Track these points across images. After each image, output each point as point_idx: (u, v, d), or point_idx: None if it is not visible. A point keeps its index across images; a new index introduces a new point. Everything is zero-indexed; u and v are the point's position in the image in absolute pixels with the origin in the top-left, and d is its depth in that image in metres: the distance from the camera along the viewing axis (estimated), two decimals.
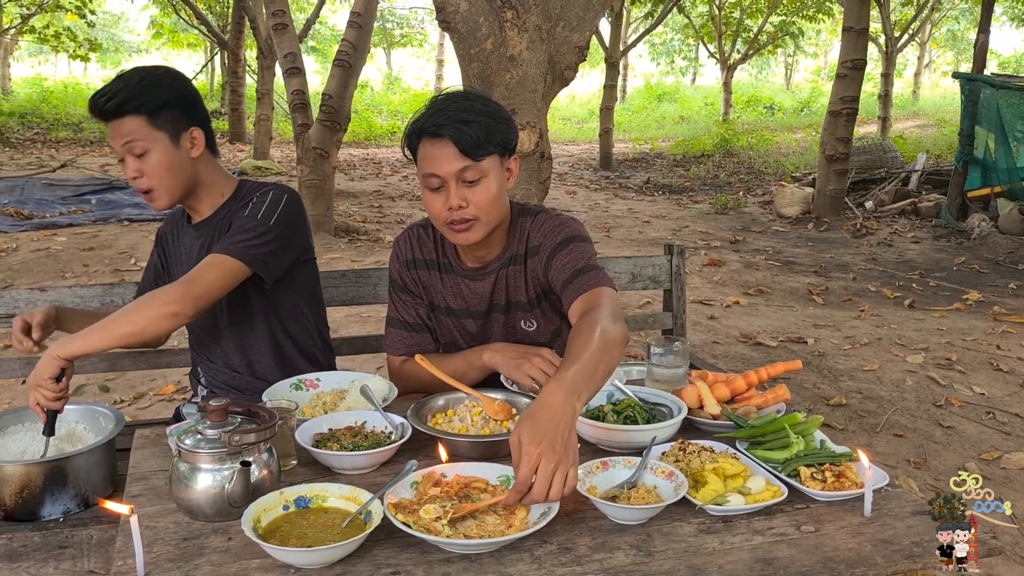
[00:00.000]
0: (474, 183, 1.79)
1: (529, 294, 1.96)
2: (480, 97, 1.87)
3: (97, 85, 19.59)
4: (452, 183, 1.78)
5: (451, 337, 2.08)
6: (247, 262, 1.94)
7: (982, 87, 8.79)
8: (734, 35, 19.76)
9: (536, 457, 1.31)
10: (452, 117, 1.76)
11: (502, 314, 2.00)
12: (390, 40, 32.07)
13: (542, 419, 1.35)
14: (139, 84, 1.95)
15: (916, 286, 6.63)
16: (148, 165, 1.97)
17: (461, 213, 1.79)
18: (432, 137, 1.79)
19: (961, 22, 29.78)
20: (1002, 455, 3.52)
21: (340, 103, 7.19)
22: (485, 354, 1.91)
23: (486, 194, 1.80)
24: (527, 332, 2.00)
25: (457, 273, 2.00)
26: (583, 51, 3.05)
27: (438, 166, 1.78)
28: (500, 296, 1.98)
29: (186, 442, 1.41)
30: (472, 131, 1.75)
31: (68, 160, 12.74)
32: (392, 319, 2.08)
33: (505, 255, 1.96)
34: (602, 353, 1.51)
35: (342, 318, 5.14)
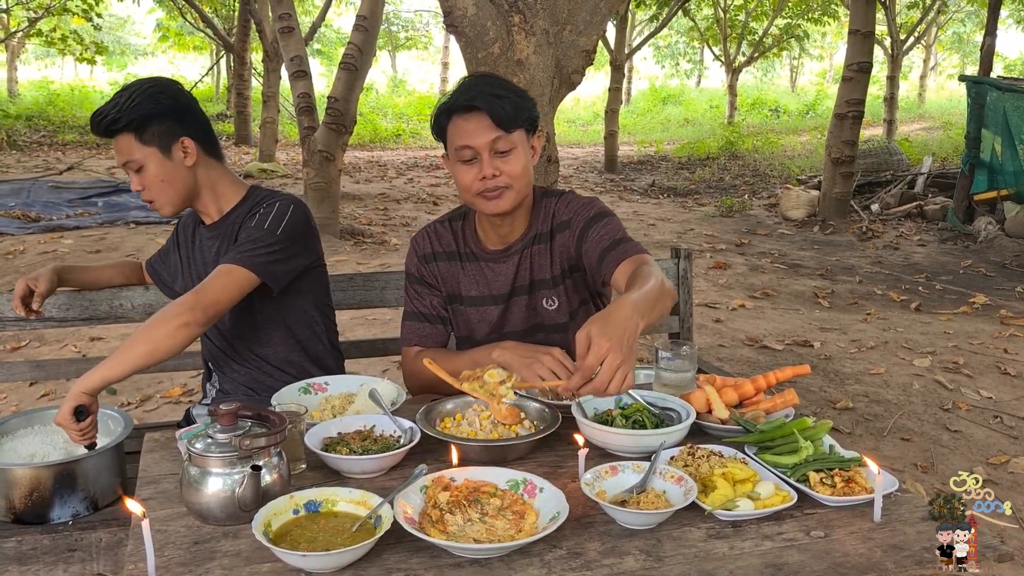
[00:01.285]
0: (506, 153, 1.89)
1: (554, 271, 2.04)
2: (505, 79, 2.01)
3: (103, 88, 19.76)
4: (485, 153, 1.89)
5: (468, 330, 2.12)
6: (255, 271, 1.97)
7: (988, 90, 8.76)
8: (739, 38, 19.73)
9: (605, 350, 1.42)
10: (484, 91, 1.88)
11: (525, 295, 2.06)
12: (395, 43, 32.12)
13: (613, 321, 1.46)
14: (128, 102, 2.01)
15: (922, 289, 6.62)
16: (146, 179, 2.04)
17: (494, 181, 1.89)
18: (465, 112, 1.89)
19: (967, 25, 29.72)
20: (1010, 459, 3.51)
21: (346, 106, 7.21)
22: (495, 352, 1.91)
23: (517, 164, 1.91)
24: (548, 311, 2.06)
25: (480, 259, 2.07)
26: (590, 55, 3.05)
27: (471, 138, 1.88)
28: (524, 276, 2.05)
29: (197, 446, 1.41)
30: (504, 104, 1.86)
31: (75, 163, 12.78)
32: (408, 312, 2.14)
33: (528, 235, 2.04)
34: (659, 294, 1.65)
35: (348, 321, 5.15)
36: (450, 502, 1.40)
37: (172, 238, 2.34)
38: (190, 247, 2.24)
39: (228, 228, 2.13)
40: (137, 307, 2.42)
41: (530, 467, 1.56)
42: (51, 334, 4.99)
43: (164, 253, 2.38)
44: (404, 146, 19.06)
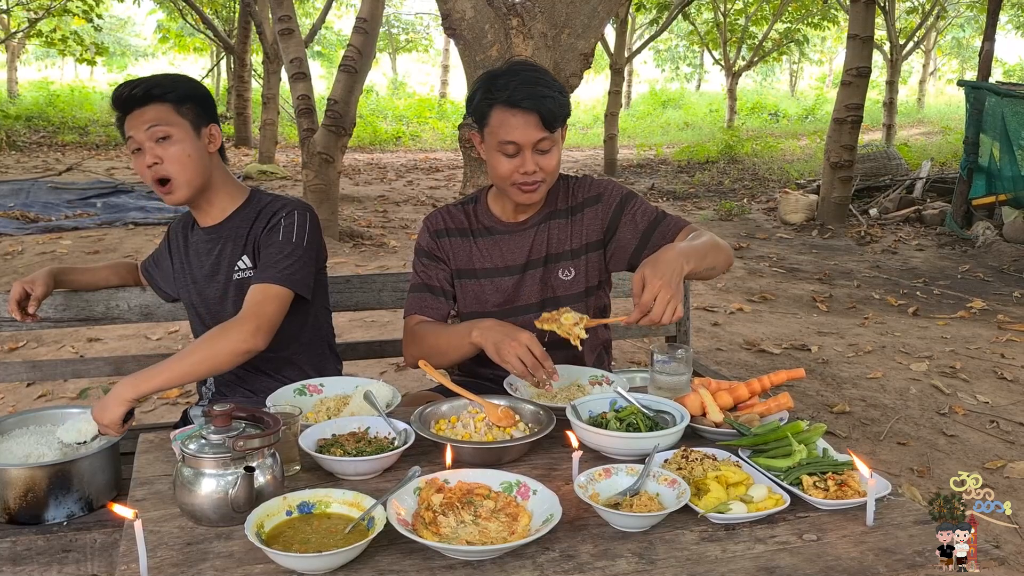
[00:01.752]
0: (547, 151, 1.97)
1: (574, 244, 2.12)
2: (546, 71, 2.04)
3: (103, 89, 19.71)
4: (528, 151, 1.95)
5: (478, 304, 2.16)
6: (293, 287, 2.02)
7: (987, 95, 8.77)
8: (739, 42, 19.76)
9: (658, 287, 1.64)
10: (534, 92, 1.92)
11: (540, 267, 2.13)
12: (395, 45, 32.13)
13: (662, 263, 1.69)
14: (164, 76, 2.04)
15: (920, 294, 6.62)
16: (169, 152, 2.00)
17: (533, 177, 1.97)
18: (512, 107, 1.93)
19: (966, 30, 29.75)
20: (1006, 464, 3.51)
21: (346, 108, 7.21)
22: (473, 331, 1.90)
23: (554, 160, 2.00)
24: (564, 281, 2.13)
25: (495, 232, 2.14)
26: (588, 58, 3.06)
27: (518, 135, 1.93)
28: (540, 249, 2.12)
29: (190, 447, 1.41)
30: (551, 106, 1.92)
31: (74, 163, 12.79)
32: (414, 285, 2.18)
33: (545, 210, 2.13)
34: (711, 247, 1.88)
35: (346, 323, 5.15)
36: (443, 504, 1.40)
37: (164, 243, 2.33)
38: (182, 251, 2.24)
39: (231, 232, 2.13)
40: (133, 308, 2.42)
41: (524, 469, 1.57)
42: (49, 335, 4.99)
43: (157, 257, 2.37)
44: (404, 148, 19.07)
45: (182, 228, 2.27)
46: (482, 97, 1.98)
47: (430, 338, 2.01)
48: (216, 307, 2.17)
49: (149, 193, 9.80)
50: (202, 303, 2.19)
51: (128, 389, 1.83)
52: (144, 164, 2.02)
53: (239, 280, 2.11)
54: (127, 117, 2.02)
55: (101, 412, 1.84)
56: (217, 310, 2.17)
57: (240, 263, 2.11)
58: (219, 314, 2.16)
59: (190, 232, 2.23)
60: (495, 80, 1.96)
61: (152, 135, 1.99)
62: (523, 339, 1.79)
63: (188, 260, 2.22)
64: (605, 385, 1.98)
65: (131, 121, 2.01)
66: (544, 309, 2.08)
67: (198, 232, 2.20)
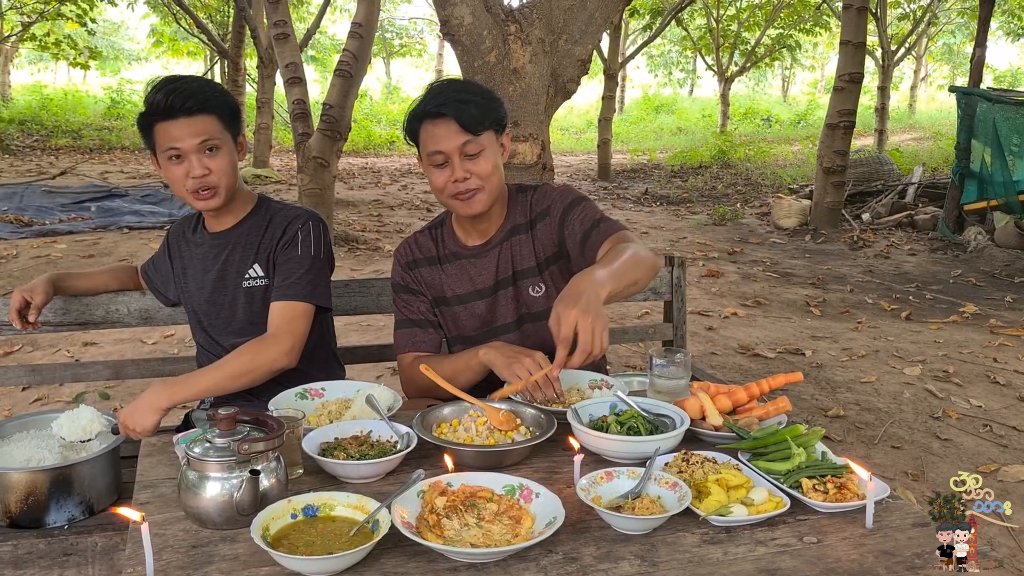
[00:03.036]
0: (475, 156, 1.96)
1: (538, 258, 2.09)
2: (472, 82, 2.07)
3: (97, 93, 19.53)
4: (455, 157, 1.95)
5: (457, 329, 2.16)
6: (317, 301, 2.07)
7: (979, 101, 8.83)
8: (732, 47, 19.83)
9: (574, 317, 1.53)
10: (451, 97, 1.94)
11: (510, 286, 2.11)
12: (389, 50, 32.16)
13: (572, 293, 1.59)
14: (208, 85, 2.04)
15: (913, 298, 6.66)
16: (218, 163, 2.03)
17: (466, 184, 1.96)
18: (434, 118, 1.96)
19: (957, 36, 29.94)
20: (999, 467, 3.54)
21: (341, 112, 7.21)
22: (481, 351, 1.95)
23: (487, 164, 1.97)
24: (535, 298, 2.11)
25: (461, 257, 2.14)
26: (585, 64, 3.08)
27: (441, 143, 1.95)
28: (506, 268, 2.11)
29: (195, 450, 1.42)
30: (471, 109, 1.93)
31: (68, 167, 12.75)
32: (399, 321, 2.18)
33: (506, 228, 2.11)
34: (631, 263, 1.77)
35: (343, 327, 5.15)
36: (447, 507, 1.41)
37: (164, 246, 2.33)
38: (184, 256, 2.24)
39: (240, 239, 2.14)
40: (133, 312, 2.42)
41: (525, 472, 1.57)
42: (44, 339, 4.98)
43: (157, 260, 2.37)
44: (398, 153, 19.07)
45: (183, 232, 2.27)
46: (410, 117, 2.01)
47: (435, 368, 1.97)
48: (223, 313, 2.17)
49: (143, 197, 9.79)
50: (204, 308, 2.19)
51: (163, 397, 1.86)
52: (183, 171, 2.01)
53: (249, 288, 2.12)
54: (168, 123, 1.99)
55: (133, 418, 1.85)
56: (224, 316, 2.17)
57: (251, 271, 2.12)
58: (224, 320, 2.16)
59: (192, 236, 2.23)
60: (420, 98, 2.00)
61: (203, 147, 2.00)
62: (537, 357, 1.81)
63: (188, 263, 2.22)
64: (605, 389, 1.99)
65: (176, 129, 1.98)
66: (521, 326, 2.13)
67: (203, 236, 2.20)
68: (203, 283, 2.18)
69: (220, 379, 1.93)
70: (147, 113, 2.01)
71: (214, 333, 2.19)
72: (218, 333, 2.19)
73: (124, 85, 22.70)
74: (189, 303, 2.25)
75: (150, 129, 2.02)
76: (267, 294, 2.11)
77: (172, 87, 1.99)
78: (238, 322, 2.15)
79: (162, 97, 1.97)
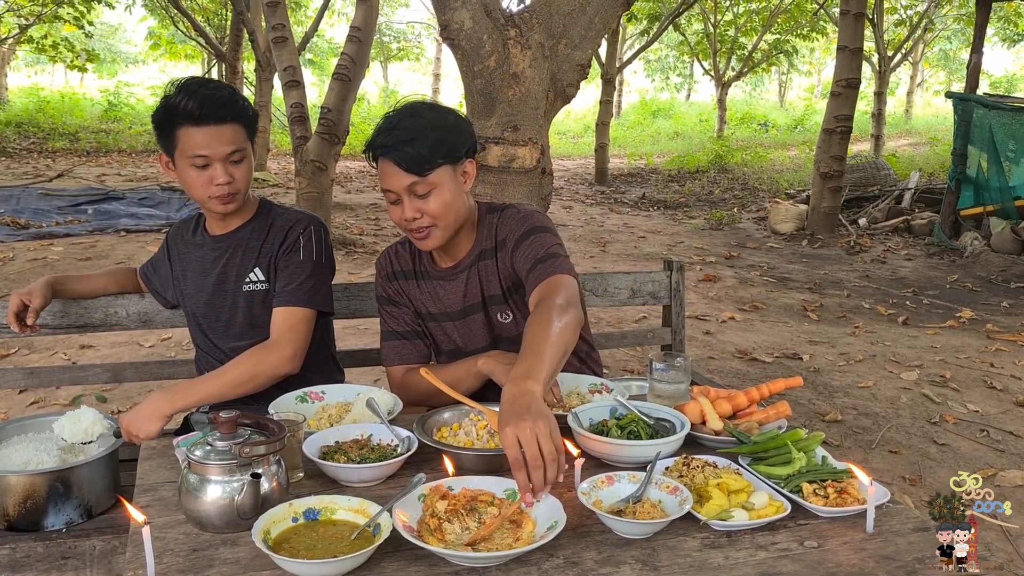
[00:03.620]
0: (425, 196, 1.88)
1: (503, 286, 2.03)
2: (429, 109, 1.94)
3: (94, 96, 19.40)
4: (405, 197, 1.89)
5: (438, 344, 2.15)
6: (319, 307, 2.09)
7: (975, 107, 8.86)
8: (729, 52, 19.87)
9: (512, 435, 1.37)
10: (397, 137, 1.85)
11: (480, 312, 2.06)
12: (387, 54, 32.16)
13: (504, 410, 1.43)
14: (238, 95, 2.04)
15: (910, 303, 6.67)
16: (240, 171, 2.03)
17: (417, 223, 1.91)
18: (382, 157, 1.89)
19: (953, 42, 30.00)
20: (997, 472, 3.54)
21: (339, 116, 7.21)
22: (480, 360, 1.95)
23: (438, 204, 1.89)
24: (504, 324, 2.06)
25: (432, 277, 2.09)
26: (585, 69, 3.08)
27: (390, 182, 1.89)
28: (474, 294, 2.04)
29: (196, 453, 1.42)
30: (415, 150, 1.84)
31: (65, 170, 12.72)
32: (385, 333, 2.16)
33: (474, 252, 2.04)
34: (555, 341, 1.59)
35: (340, 331, 5.09)
36: (448, 511, 1.41)
37: (163, 249, 2.33)
38: (184, 258, 2.24)
39: (241, 242, 2.13)
40: (132, 315, 2.42)
41: None
42: (41, 342, 4.97)
43: (155, 262, 2.37)
44: None
45: (183, 234, 2.27)
46: (368, 145, 1.93)
47: (423, 385, 1.95)
48: (222, 316, 2.16)
49: (141, 200, 9.77)
50: (203, 311, 2.19)
51: (164, 404, 1.86)
52: (207, 178, 1.99)
53: (249, 292, 2.12)
54: (197, 129, 1.95)
55: (136, 424, 1.84)
56: (224, 319, 2.16)
57: (252, 275, 2.12)
58: (223, 324, 2.16)
59: (191, 237, 2.23)
60: (378, 126, 1.93)
61: (231, 157, 1.99)
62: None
63: (190, 267, 2.21)
64: (605, 393, 1.99)
65: (205, 136, 1.96)
66: (496, 346, 2.07)
67: (204, 238, 2.19)
68: (202, 286, 2.17)
69: (222, 386, 1.94)
70: (173, 115, 1.96)
71: (213, 336, 2.19)
72: (217, 336, 2.19)
73: (121, 88, 22.64)
74: (188, 306, 2.24)
75: (172, 130, 1.98)
76: (267, 298, 2.11)
77: (206, 93, 1.96)
78: (237, 325, 2.14)
79: (195, 104, 1.94)
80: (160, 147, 2.06)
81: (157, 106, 2.02)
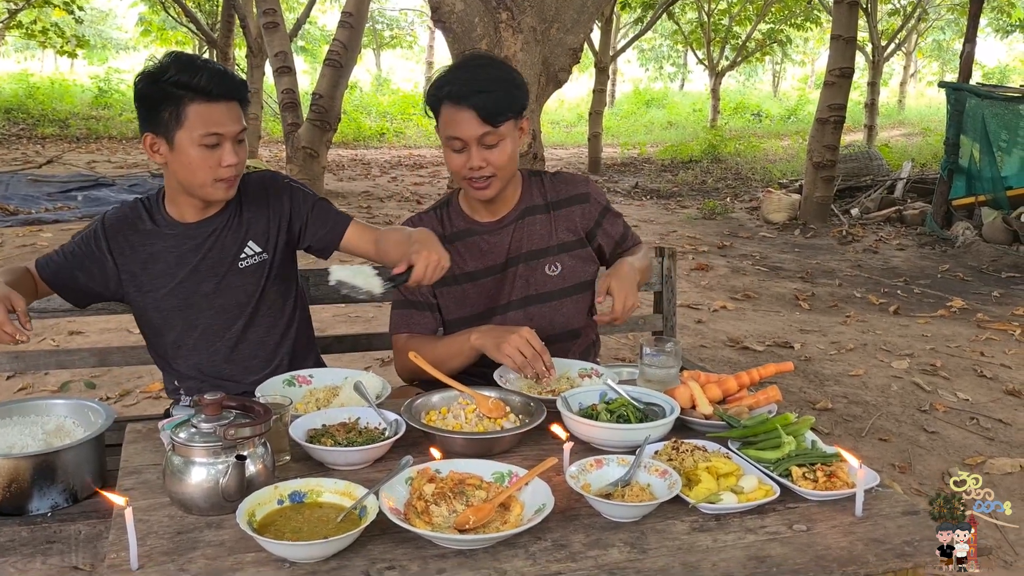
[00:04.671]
0: (493, 146, 1.96)
1: (559, 238, 2.14)
2: (498, 62, 2.05)
3: (84, 82, 19.29)
4: (473, 146, 1.95)
5: (460, 310, 2.15)
6: None
7: (968, 97, 8.86)
8: (723, 42, 19.85)
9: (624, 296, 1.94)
10: (474, 87, 1.92)
11: (522, 263, 2.13)
12: (379, 41, 32.02)
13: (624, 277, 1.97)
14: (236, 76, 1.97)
15: (901, 293, 6.68)
16: (243, 152, 1.96)
17: (480, 172, 1.97)
18: (455, 103, 1.93)
19: (947, 32, 30.06)
20: (986, 460, 3.55)
21: (330, 103, 7.19)
22: (472, 335, 1.95)
23: (503, 155, 1.97)
24: (550, 277, 2.14)
25: (474, 233, 2.14)
26: (577, 53, 3.06)
27: (461, 130, 1.93)
28: (519, 247, 2.13)
29: (181, 435, 1.40)
30: (492, 100, 1.91)
31: (54, 156, 12.65)
32: (397, 302, 2.17)
33: (520, 207, 2.13)
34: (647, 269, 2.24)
35: (330, 318, 5.13)
36: (435, 494, 1.40)
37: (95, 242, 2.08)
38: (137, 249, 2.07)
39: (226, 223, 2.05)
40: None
41: (515, 460, 1.56)
42: None
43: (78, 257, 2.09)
44: (388, 145, 19.00)
45: (134, 225, 2.09)
46: (431, 92, 1.99)
47: (426, 351, 1.98)
48: (206, 301, 2.06)
49: (131, 186, 9.71)
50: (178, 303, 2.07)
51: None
52: (216, 160, 1.88)
53: (245, 268, 2.05)
54: (209, 105, 1.84)
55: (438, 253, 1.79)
56: (202, 305, 2.06)
57: (246, 250, 2.05)
58: (206, 307, 2.09)
59: (152, 228, 2.07)
60: (444, 75, 1.99)
61: (236, 135, 1.91)
62: (523, 332, 1.85)
63: (159, 259, 2.06)
64: (595, 378, 1.98)
65: (219, 113, 1.86)
66: (526, 307, 2.12)
67: (176, 228, 2.05)
68: (176, 275, 2.05)
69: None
70: (182, 90, 1.83)
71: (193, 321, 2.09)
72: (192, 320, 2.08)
73: (112, 74, 22.47)
74: (155, 302, 2.09)
75: (177, 107, 1.84)
76: (268, 268, 2.08)
77: (214, 69, 1.87)
78: (225, 305, 2.07)
79: (208, 79, 1.83)
80: (148, 128, 1.90)
81: (144, 80, 1.87)
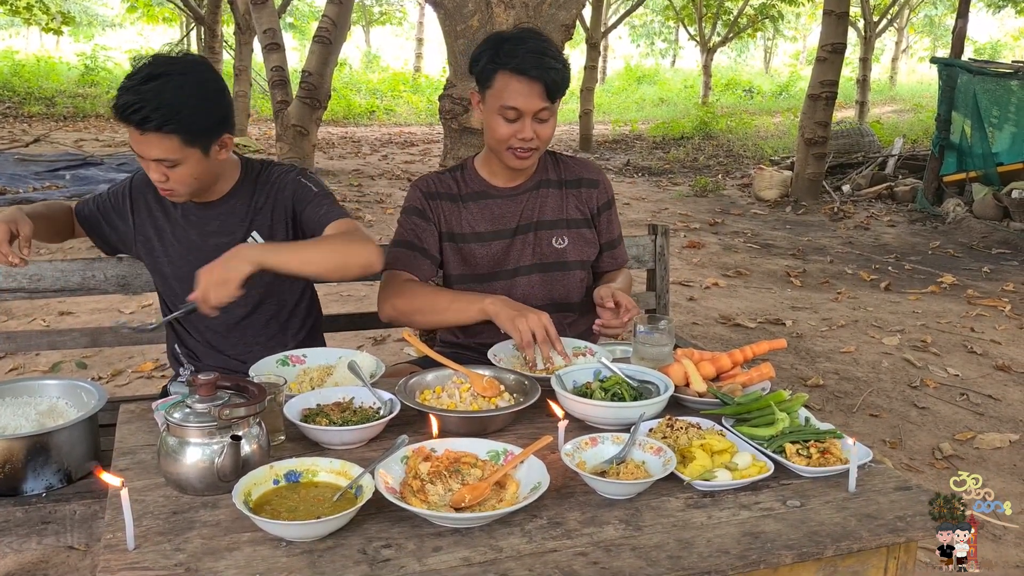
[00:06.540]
0: (545, 121, 2.02)
1: (568, 213, 2.21)
2: (552, 42, 2.07)
3: (70, 60, 19.05)
4: (528, 118, 1.99)
5: (467, 267, 2.18)
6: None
7: (959, 73, 8.86)
8: (714, 18, 19.74)
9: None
10: (541, 62, 1.95)
11: (531, 231, 2.18)
12: (369, 18, 31.70)
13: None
14: (181, 101, 1.79)
15: (892, 269, 6.71)
16: (177, 175, 1.88)
17: (528, 144, 2.01)
18: (519, 74, 1.95)
19: (939, 8, 29.95)
20: (975, 435, 3.59)
21: (320, 80, 7.12)
22: (487, 300, 1.96)
23: (549, 129, 2.04)
24: (556, 249, 2.20)
25: (489, 196, 2.18)
26: (569, 29, 3.03)
27: (522, 102, 1.96)
28: (530, 215, 2.18)
29: (175, 416, 1.40)
30: (556, 77, 1.97)
31: (41, 135, 12.52)
32: (398, 241, 2.17)
33: (536, 179, 2.20)
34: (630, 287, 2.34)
35: (323, 297, 5.07)
36: (431, 472, 1.40)
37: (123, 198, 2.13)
38: (155, 217, 2.10)
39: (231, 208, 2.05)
40: (110, 278, 2.37)
41: (509, 439, 1.57)
42: (19, 308, 4.91)
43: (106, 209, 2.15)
44: (378, 123, 18.88)
45: (149, 191, 2.09)
46: (488, 60, 1.99)
47: (423, 296, 2.03)
48: None
49: (119, 165, 9.63)
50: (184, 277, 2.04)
51: (254, 252, 1.74)
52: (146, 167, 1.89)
53: None
54: (129, 128, 1.81)
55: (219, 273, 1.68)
56: None
57: (250, 239, 2.04)
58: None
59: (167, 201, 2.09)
60: (503, 44, 1.99)
61: (157, 162, 1.85)
62: (543, 317, 1.87)
63: (175, 234, 2.09)
64: (589, 356, 1.99)
65: (134, 138, 1.83)
66: (531, 274, 2.17)
67: (188, 206, 2.07)
68: (188, 254, 2.06)
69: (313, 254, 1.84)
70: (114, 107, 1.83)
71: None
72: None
73: (98, 52, 22.18)
74: (162, 269, 2.13)
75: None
76: None
77: (133, 100, 1.77)
78: None
79: (121, 105, 1.78)
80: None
81: None
